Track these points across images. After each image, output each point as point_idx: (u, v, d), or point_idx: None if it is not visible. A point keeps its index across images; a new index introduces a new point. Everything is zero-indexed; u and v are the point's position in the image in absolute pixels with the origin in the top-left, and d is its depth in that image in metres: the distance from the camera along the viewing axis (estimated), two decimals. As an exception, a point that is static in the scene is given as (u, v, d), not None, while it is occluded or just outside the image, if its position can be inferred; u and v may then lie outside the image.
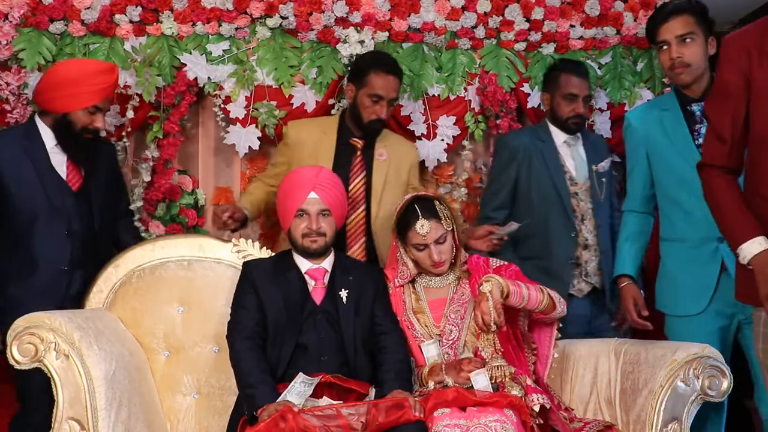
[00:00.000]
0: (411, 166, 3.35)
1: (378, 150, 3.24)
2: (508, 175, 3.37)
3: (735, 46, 2.21)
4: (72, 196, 2.98)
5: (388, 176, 3.21)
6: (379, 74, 3.18)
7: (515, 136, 3.49)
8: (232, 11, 3.59)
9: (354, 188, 3.20)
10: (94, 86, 2.96)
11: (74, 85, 2.94)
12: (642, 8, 3.80)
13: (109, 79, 3.01)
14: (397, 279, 2.81)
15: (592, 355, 2.82)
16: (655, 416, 2.49)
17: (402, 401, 2.37)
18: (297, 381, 2.46)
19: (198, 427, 2.79)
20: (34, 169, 2.92)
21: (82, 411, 2.40)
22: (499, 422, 2.32)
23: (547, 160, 3.35)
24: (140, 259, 2.91)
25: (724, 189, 2.21)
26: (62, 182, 2.97)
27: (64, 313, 2.55)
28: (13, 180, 2.89)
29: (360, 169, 3.22)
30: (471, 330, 2.72)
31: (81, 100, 2.94)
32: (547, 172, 3.33)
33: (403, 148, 3.38)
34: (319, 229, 2.69)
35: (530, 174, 3.34)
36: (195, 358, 2.84)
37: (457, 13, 3.70)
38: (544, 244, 3.31)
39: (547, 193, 3.32)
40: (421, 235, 2.70)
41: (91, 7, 3.50)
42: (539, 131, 3.45)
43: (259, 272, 2.71)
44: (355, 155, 3.24)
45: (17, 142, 2.95)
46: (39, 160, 2.94)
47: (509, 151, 3.39)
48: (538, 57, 3.81)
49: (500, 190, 3.38)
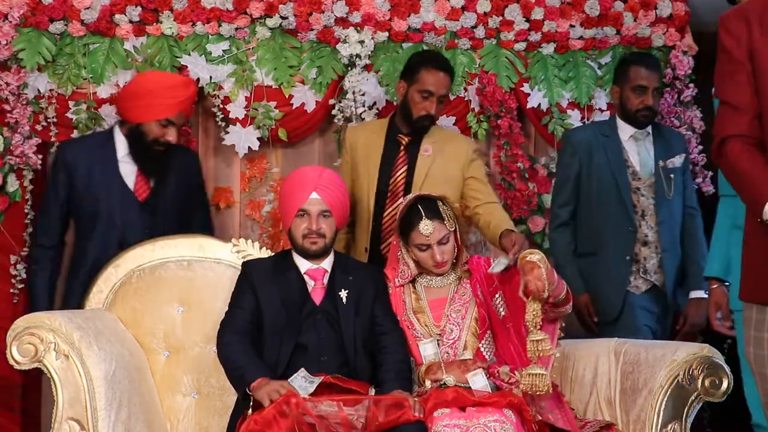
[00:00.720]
0: (465, 161, 3.22)
1: (424, 146, 3.22)
2: (570, 170, 3.38)
3: (735, 18, 2.10)
4: (137, 207, 3.04)
5: (430, 171, 3.17)
6: (429, 70, 3.17)
7: (578, 131, 3.51)
8: (232, 11, 3.59)
9: (394, 182, 3.20)
10: (169, 99, 3.01)
11: (150, 96, 3.01)
12: (642, 8, 3.80)
13: (184, 93, 3.08)
14: (398, 279, 2.81)
15: (592, 355, 2.81)
16: (655, 416, 2.49)
17: (402, 401, 2.37)
18: (299, 375, 2.45)
19: (198, 427, 2.79)
20: (102, 175, 3.02)
21: (81, 411, 2.39)
22: (499, 422, 2.32)
23: (609, 154, 3.34)
24: (140, 259, 2.90)
25: (749, 156, 1.98)
26: (128, 192, 3.05)
27: (64, 313, 2.55)
28: (82, 180, 3.02)
29: (402, 164, 3.20)
30: (471, 330, 2.72)
31: (155, 111, 2.99)
32: (607, 167, 3.33)
33: (453, 143, 3.28)
34: (320, 230, 2.69)
35: (590, 169, 3.35)
36: (195, 358, 2.83)
37: (456, 13, 3.70)
38: (599, 239, 3.31)
39: (606, 187, 3.31)
40: (425, 236, 2.68)
41: (91, 7, 3.50)
42: (604, 126, 3.47)
43: (259, 272, 2.71)
44: (399, 151, 3.24)
45: (92, 146, 3.09)
46: (109, 167, 3.04)
47: (571, 145, 3.41)
48: (537, 57, 3.81)
49: (564, 186, 3.40)
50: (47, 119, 3.50)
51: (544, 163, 3.85)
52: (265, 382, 2.39)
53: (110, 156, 3.05)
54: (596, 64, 3.84)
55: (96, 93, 3.55)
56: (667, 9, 3.80)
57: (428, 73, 3.17)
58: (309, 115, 3.66)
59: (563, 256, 3.36)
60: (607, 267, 3.28)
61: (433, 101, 3.15)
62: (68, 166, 3.05)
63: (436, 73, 3.17)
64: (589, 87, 3.80)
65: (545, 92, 3.78)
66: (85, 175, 3.03)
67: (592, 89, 3.81)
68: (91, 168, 3.04)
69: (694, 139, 3.77)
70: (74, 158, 3.06)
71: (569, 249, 3.38)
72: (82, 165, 3.04)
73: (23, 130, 3.44)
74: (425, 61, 3.22)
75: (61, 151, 3.17)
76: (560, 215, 3.39)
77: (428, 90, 3.15)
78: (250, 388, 2.40)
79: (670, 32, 3.81)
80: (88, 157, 3.05)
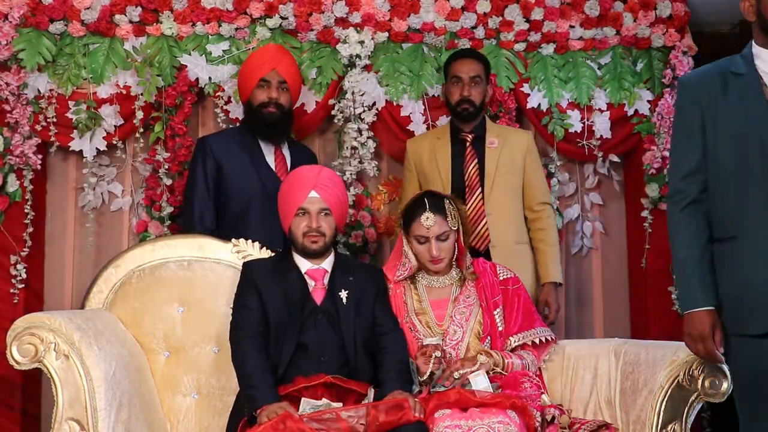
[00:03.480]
0: (527, 152, 3.45)
1: (489, 139, 3.42)
2: (690, 126, 2.32)
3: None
4: (279, 185, 3.08)
5: (500, 162, 3.37)
6: (456, 60, 3.43)
7: (698, 73, 2.46)
8: (232, 11, 3.59)
9: (469, 175, 3.36)
10: (256, 63, 3.24)
11: (244, 69, 3.29)
12: (642, 8, 3.80)
13: (266, 52, 3.29)
14: (398, 274, 2.82)
15: (592, 355, 2.82)
16: (655, 416, 2.49)
17: (402, 402, 2.37)
18: (305, 408, 2.43)
19: (198, 427, 2.79)
20: (250, 160, 3.22)
21: (82, 411, 2.40)
22: (503, 424, 2.32)
23: (744, 96, 2.26)
24: (140, 259, 2.91)
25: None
26: (271, 171, 3.24)
27: (64, 314, 2.55)
28: (231, 172, 3.19)
29: (472, 158, 3.38)
30: (475, 333, 2.73)
31: (251, 78, 3.23)
32: (742, 115, 2.25)
33: (514, 136, 3.49)
34: (319, 228, 2.69)
35: (716, 120, 2.28)
36: (195, 358, 2.83)
37: (456, 14, 3.70)
38: (737, 217, 2.24)
39: (741, 143, 2.25)
40: (425, 227, 2.72)
41: (91, 7, 3.50)
42: (732, 62, 2.34)
43: (260, 272, 2.71)
44: (466, 147, 3.40)
45: (234, 137, 3.27)
46: (253, 151, 3.24)
47: (690, 93, 2.35)
48: (537, 57, 3.81)
49: (683, 148, 2.36)
50: (47, 119, 3.50)
51: (544, 163, 3.86)
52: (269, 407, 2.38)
53: (253, 141, 3.26)
54: (596, 64, 3.84)
55: (96, 93, 3.55)
56: (667, 9, 3.80)
57: (455, 63, 3.43)
58: (309, 116, 3.66)
59: (690, 250, 2.29)
60: (754, 255, 2.22)
61: (463, 85, 3.36)
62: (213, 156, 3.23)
63: (462, 60, 3.42)
64: (589, 87, 3.80)
65: (545, 92, 3.78)
66: (234, 163, 3.21)
67: (592, 89, 3.80)
68: (240, 154, 3.23)
69: (694, 139, 3.76)
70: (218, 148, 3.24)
71: (701, 240, 2.30)
72: (231, 154, 3.23)
73: (23, 130, 3.44)
74: (452, 57, 3.48)
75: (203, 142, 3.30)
76: (687, 191, 2.31)
77: (456, 76, 3.39)
78: (256, 413, 2.40)
79: (669, 32, 3.82)
80: (233, 147, 3.25)
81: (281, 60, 3.27)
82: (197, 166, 3.23)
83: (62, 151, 3.62)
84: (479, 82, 3.39)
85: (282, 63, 3.26)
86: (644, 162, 3.82)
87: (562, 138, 3.80)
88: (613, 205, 4.00)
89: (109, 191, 3.68)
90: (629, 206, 3.97)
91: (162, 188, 3.54)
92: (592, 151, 3.82)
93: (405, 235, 2.81)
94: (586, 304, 3.97)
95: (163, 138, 3.55)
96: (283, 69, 3.24)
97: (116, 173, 3.69)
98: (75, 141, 3.56)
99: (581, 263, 3.97)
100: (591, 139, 3.82)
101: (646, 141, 3.82)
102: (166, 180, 3.53)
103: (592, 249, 3.96)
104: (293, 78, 3.29)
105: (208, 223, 3.18)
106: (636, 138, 3.86)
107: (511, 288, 2.81)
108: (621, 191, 4.00)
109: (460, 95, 3.36)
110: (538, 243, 3.41)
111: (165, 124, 3.55)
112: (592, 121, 3.81)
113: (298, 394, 2.48)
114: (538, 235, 3.41)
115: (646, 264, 3.84)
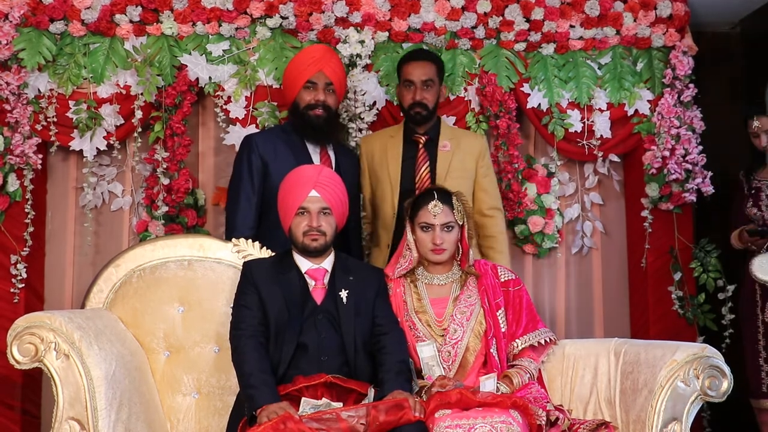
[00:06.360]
0: (479, 156, 3.41)
1: (442, 142, 3.39)
2: None
3: None
4: None
5: (451, 165, 3.35)
6: (408, 63, 3.37)
7: None
8: (232, 11, 3.59)
9: (420, 177, 3.34)
10: (303, 64, 3.21)
11: (290, 70, 3.25)
12: (642, 8, 3.80)
13: (314, 53, 3.24)
14: (398, 267, 2.82)
15: (592, 355, 2.82)
16: (655, 416, 2.49)
17: (402, 402, 2.37)
18: (306, 408, 2.44)
19: (198, 427, 2.79)
20: (296, 161, 3.11)
21: (82, 411, 2.40)
22: (505, 423, 2.33)
23: None
24: (140, 258, 2.90)
25: None
26: None
27: (64, 313, 2.55)
28: (276, 172, 3.09)
29: (424, 160, 3.36)
30: (475, 332, 2.73)
31: (297, 80, 3.19)
32: None
33: (468, 139, 3.46)
34: (320, 227, 2.69)
35: None
36: (195, 357, 2.83)
37: (457, 14, 3.70)
38: None
39: None
40: (432, 215, 2.75)
41: (91, 7, 3.51)
42: None
43: (260, 272, 2.71)
44: (419, 149, 3.37)
45: (279, 137, 3.24)
46: (299, 152, 3.20)
47: None
48: (537, 57, 3.81)
49: None
50: (47, 119, 3.51)
51: (544, 163, 3.86)
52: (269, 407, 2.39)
53: (298, 139, 3.22)
54: (596, 64, 3.84)
55: (96, 93, 3.56)
56: (667, 9, 3.81)
57: (406, 66, 3.37)
58: (309, 115, 3.66)
59: None
60: None
61: (415, 89, 3.31)
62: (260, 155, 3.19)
63: (412, 63, 3.35)
64: (589, 87, 3.81)
65: (545, 92, 3.78)
66: (280, 163, 3.13)
67: (592, 89, 3.81)
68: (285, 153, 3.18)
69: (694, 139, 3.77)
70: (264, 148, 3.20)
71: None
72: (276, 153, 3.18)
73: (23, 129, 3.45)
74: (403, 59, 3.42)
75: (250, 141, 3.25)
76: None
77: (408, 80, 3.33)
78: (256, 413, 2.40)
79: (669, 32, 3.82)
80: (278, 146, 3.20)
81: (329, 61, 3.23)
82: (243, 164, 3.19)
83: (62, 150, 3.62)
84: (432, 85, 3.34)
85: (329, 65, 3.22)
86: (644, 162, 3.82)
87: (562, 138, 3.80)
88: (613, 204, 4.01)
89: (109, 191, 3.68)
90: (629, 206, 3.98)
91: (159, 187, 3.54)
92: (592, 151, 3.82)
93: (410, 224, 2.83)
94: (586, 304, 3.97)
95: (162, 138, 3.55)
96: (329, 70, 3.21)
97: (116, 173, 3.70)
98: (75, 141, 3.56)
99: (581, 263, 3.97)
100: (591, 138, 3.82)
101: (646, 141, 3.82)
102: (164, 179, 3.53)
103: (592, 249, 3.96)
104: (339, 79, 3.25)
105: (251, 222, 3.13)
106: (636, 138, 3.86)
107: (512, 289, 2.81)
108: (621, 191, 4.00)
109: (412, 99, 3.31)
110: (487, 249, 3.37)
111: (165, 123, 3.55)
112: (592, 120, 3.82)
113: (298, 394, 2.47)
114: (487, 241, 3.37)
115: (646, 264, 3.84)
